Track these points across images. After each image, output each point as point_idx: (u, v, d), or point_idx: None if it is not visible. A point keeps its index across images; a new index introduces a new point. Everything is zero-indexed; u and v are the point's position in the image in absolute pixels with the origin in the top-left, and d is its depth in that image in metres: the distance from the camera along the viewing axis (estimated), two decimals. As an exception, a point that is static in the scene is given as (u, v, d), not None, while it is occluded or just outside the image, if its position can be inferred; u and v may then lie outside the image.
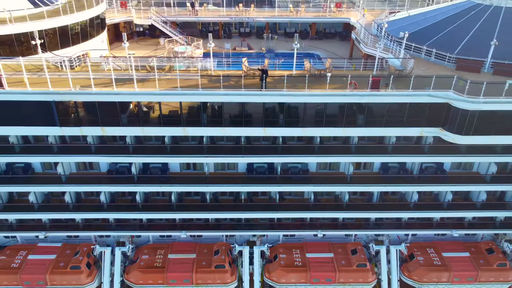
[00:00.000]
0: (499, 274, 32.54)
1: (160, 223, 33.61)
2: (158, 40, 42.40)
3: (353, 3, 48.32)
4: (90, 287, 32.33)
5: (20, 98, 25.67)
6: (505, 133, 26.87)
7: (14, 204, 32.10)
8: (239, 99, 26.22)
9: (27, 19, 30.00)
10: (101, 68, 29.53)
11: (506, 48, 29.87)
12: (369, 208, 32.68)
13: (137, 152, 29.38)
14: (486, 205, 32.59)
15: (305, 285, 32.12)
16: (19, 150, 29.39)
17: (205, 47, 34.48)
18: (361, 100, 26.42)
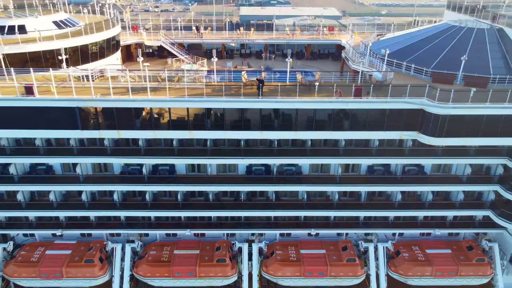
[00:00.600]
0: (478, 269, 35.55)
1: (167, 222, 37.05)
2: (166, 60, 46.98)
3: (345, 27, 53.21)
4: (102, 279, 35.50)
5: (49, 105, 29.76)
6: (473, 135, 30.62)
7: (35, 202, 35.70)
8: (239, 106, 30.28)
9: (54, 38, 34.65)
10: (117, 80, 33.86)
11: (476, 63, 34.12)
12: (357, 207, 36.12)
13: (148, 154, 33.23)
14: (464, 205, 35.98)
15: (299, 278, 35.17)
16: (43, 152, 33.27)
17: (209, 65, 38.82)
18: (346, 107, 30.43)
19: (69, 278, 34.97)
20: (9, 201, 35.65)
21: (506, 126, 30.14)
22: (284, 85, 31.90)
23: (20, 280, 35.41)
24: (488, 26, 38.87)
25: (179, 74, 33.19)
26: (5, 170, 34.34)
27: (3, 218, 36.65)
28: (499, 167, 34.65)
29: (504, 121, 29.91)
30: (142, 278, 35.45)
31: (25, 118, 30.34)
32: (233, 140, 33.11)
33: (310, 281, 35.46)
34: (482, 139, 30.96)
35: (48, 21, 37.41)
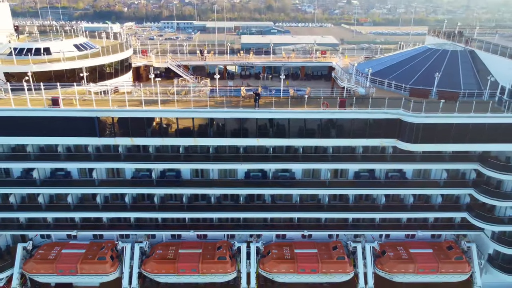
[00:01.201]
0: (457, 266, 39.15)
1: (172, 224, 41.05)
2: (172, 80, 52.00)
3: (336, 50, 58.60)
4: (112, 275, 39.18)
5: (72, 115, 34.43)
6: (445, 142, 35.00)
7: (54, 205, 39.80)
8: (238, 116, 34.87)
9: (75, 59, 39.78)
10: (131, 95, 38.65)
11: (449, 80, 38.96)
12: (345, 209, 40.11)
13: (157, 160, 37.61)
14: (443, 207, 39.96)
15: (293, 274, 38.76)
16: (64, 158, 37.70)
17: (212, 84, 43.63)
18: (332, 117, 35.01)
19: (83, 274, 38.64)
20: (30, 203, 39.78)
21: (473, 133, 34.51)
22: (278, 98, 36.64)
23: (38, 276, 39.08)
24: (462, 48, 43.99)
25: (186, 88, 38.01)
26: (28, 175, 38.76)
27: (23, 220, 40.74)
28: (472, 172, 38.78)
29: (472, 129, 34.33)
30: (149, 274, 39.10)
31: (50, 127, 34.88)
32: (233, 147, 37.55)
33: (303, 278, 39.05)
34: (452, 145, 35.40)
35: (70, 44, 42.62)
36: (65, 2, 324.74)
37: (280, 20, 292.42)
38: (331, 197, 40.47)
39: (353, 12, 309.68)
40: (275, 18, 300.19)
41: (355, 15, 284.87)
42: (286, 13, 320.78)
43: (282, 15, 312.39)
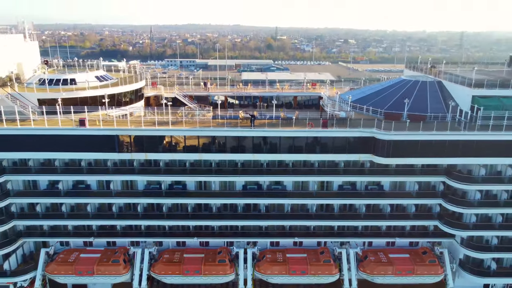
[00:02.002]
0: (430, 268, 44.52)
1: (178, 231, 46.83)
2: (179, 108, 59.17)
3: (324, 82, 66.28)
4: (124, 277, 44.57)
5: (96, 133, 41.20)
6: (413, 156, 41.53)
7: (75, 213, 45.80)
8: (236, 134, 41.64)
9: (98, 87, 47.17)
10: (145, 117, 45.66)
11: (418, 105, 45.93)
12: (331, 218, 46.01)
13: (166, 173, 44.00)
14: (417, 216, 45.90)
15: (285, 275, 44.10)
16: (86, 171, 44.15)
17: (214, 112, 50.50)
18: (316, 135, 41.77)
19: (98, 275, 44.06)
20: (54, 212, 45.80)
21: (436, 149, 41.09)
22: (270, 120, 43.59)
23: (58, 277, 44.48)
24: (431, 79, 51.35)
25: (192, 112, 45.07)
26: (53, 187, 45.10)
27: (46, 227, 46.63)
28: (440, 184, 44.98)
29: (434, 145, 40.94)
30: (157, 276, 44.50)
31: (77, 144, 41.64)
32: (232, 162, 44.01)
33: (294, 279, 44.37)
34: (419, 159, 41.94)
35: (92, 76, 50.21)
36: (72, 41, 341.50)
37: (280, 59, 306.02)
38: (318, 207, 46.43)
39: (350, 50, 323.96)
40: (274, 56, 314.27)
41: (351, 54, 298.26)
42: (285, 51, 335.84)
43: (282, 53, 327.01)
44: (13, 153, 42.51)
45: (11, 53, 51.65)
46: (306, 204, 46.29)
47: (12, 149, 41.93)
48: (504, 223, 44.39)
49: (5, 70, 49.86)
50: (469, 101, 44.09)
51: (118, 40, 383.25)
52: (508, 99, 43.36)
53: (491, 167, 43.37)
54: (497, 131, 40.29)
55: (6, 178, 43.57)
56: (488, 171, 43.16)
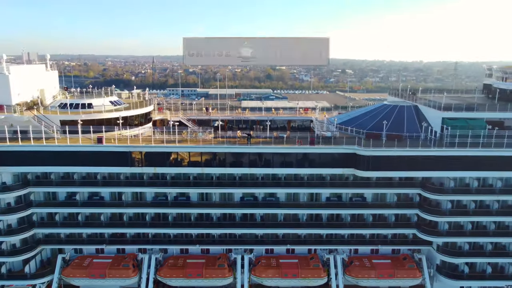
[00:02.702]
0: (409, 272, 49.80)
1: (182, 239, 52.24)
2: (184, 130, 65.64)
3: (314, 108, 73.13)
4: (133, 280, 49.77)
5: (112, 150, 47.44)
6: (390, 170, 47.61)
7: (90, 222, 51.42)
8: (235, 150, 47.91)
9: (113, 111, 53.82)
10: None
11: (396, 126, 52.30)
12: (319, 226, 51.59)
13: (172, 186, 49.90)
14: (397, 225, 51.48)
15: (278, 278, 49.27)
16: (100, 184, 50.08)
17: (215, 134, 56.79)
18: (304, 151, 47.98)
19: (110, 278, 49.24)
20: (71, 221, 51.42)
21: (411, 164, 47.21)
22: (265, 139, 49.96)
23: (73, 280, 49.67)
24: (409, 104, 58.00)
25: (195, 132, 51.55)
26: (71, 198, 50.95)
27: (63, 236, 52.09)
28: (417, 196, 50.80)
29: (409, 160, 47.07)
30: (163, 279, 49.67)
31: (94, 159, 47.79)
32: (231, 176, 50.01)
33: (286, 281, 49.52)
34: (395, 172, 48.02)
35: (107, 101, 56.95)
36: (76, 71, 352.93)
37: (279, 88, 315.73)
38: (308, 217, 52.02)
39: (347, 80, 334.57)
40: (274, 86, 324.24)
41: (349, 83, 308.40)
42: (284, 81, 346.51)
43: (281, 83, 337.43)
44: (37, 167, 48.62)
45: (34, 80, 58.66)
46: (297, 214, 51.92)
47: (36, 164, 48.03)
48: (474, 230, 50.01)
49: (29, 96, 56.68)
50: (439, 122, 50.55)
51: (121, 70, 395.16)
52: (473, 120, 49.86)
53: (460, 180, 49.36)
54: (462, 148, 46.54)
55: (29, 190, 49.51)
56: (457, 183, 49.15)
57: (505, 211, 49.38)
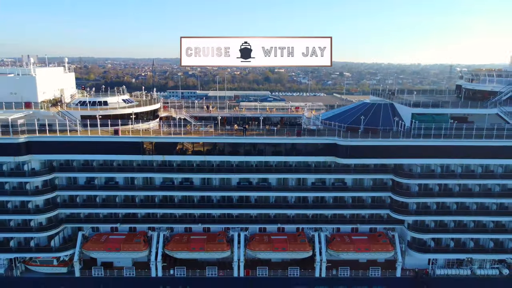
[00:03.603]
0: (383, 247, 58.18)
1: (186, 219, 60.53)
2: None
3: (305, 106, 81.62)
4: (144, 253, 58.06)
5: (126, 140, 55.78)
6: (366, 157, 56.02)
7: (107, 202, 59.70)
8: (232, 141, 56.29)
9: (126, 107, 62.27)
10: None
11: (372, 121, 60.73)
12: (306, 207, 59.93)
13: (178, 172, 58.22)
14: (373, 206, 59.86)
15: (270, 252, 57.62)
16: (116, 170, 58.42)
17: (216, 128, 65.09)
18: (292, 142, 56.38)
19: (124, 251, 57.48)
20: (90, 203, 59.69)
21: (384, 153, 55.59)
22: (258, 132, 58.39)
23: (92, 253, 57.96)
24: (386, 102, 66.48)
25: (198, 125, 60.04)
26: (90, 183, 59.24)
27: (82, 215, 60.33)
28: (389, 180, 59.18)
29: (381, 149, 55.46)
30: (170, 252, 57.94)
31: (111, 148, 56.09)
32: (229, 163, 58.29)
33: (277, 254, 57.94)
34: (370, 159, 56.42)
35: (120, 99, 65.38)
36: (77, 74, 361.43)
37: (277, 90, 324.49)
38: (296, 199, 60.35)
39: (344, 83, 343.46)
40: (272, 88, 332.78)
41: (346, 86, 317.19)
42: (282, 83, 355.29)
43: (279, 85, 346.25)
44: (62, 156, 56.88)
45: (55, 81, 67.13)
46: (287, 196, 60.28)
47: (61, 152, 56.29)
48: (439, 210, 58.39)
49: (52, 94, 65.09)
50: (409, 117, 59.02)
51: (121, 73, 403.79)
52: (438, 116, 58.39)
53: (426, 166, 57.78)
54: (427, 138, 54.98)
55: (55, 175, 57.74)
56: (424, 169, 57.59)
57: (465, 193, 57.95)
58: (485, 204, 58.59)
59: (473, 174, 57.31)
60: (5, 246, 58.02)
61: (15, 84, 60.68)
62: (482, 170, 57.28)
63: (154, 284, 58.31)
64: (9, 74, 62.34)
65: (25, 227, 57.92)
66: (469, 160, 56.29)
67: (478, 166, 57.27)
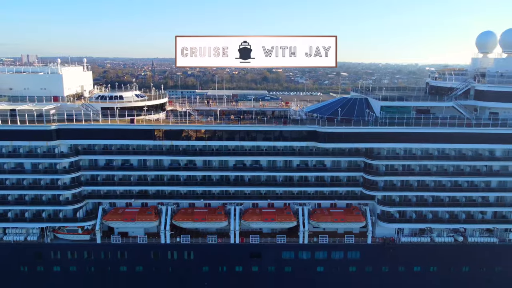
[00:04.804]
0: (356, 218, 70.27)
1: (190, 195, 72.50)
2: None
3: (293, 101, 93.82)
4: (155, 223, 70.08)
5: (140, 128, 67.76)
6: (341, 142, 68.05)
7: (123, 181, 71.61)
8: (229, 128, 68.35)
9: (139, 101, 74.30)
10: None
11: (348, 113, 72.75)
12: (291, 185, 71.96)
13: (184, 155, 70.19)
14: (348, 184, 71.93)
15: (261, 222, 69.63)
16: (131, 153, 70.37)
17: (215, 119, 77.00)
18: (279, 129, 68.41)
19: (138, 221, 69.43)
20: (109, 181, 71.58)
21: (356, 138, 67.62)
22: (251, 121, 70.39)
23: (111, 223, 69.97)
24: (362, 97, 78.48)
25: (200, 116, 72.11)
26: (109, 164, 71.14)
27: (102, 192, 72.24)
28: (362, 162, 71.18)
29: (354, 136, 67.49)
30: (177, 222, 69.94)
31: (127, 135, 68.04)
32: (227, 147, 70.29)
33: (266, 224, 69.96)
34: (345, 144, 68.47)
35: (132, 94, 77.33)
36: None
37: (274, 90, 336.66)
38: (283, 178, 72.31)
39: (341, 82, 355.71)
40: (269, 88, 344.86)
41: (342, 85, 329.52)
42: (280, 83, 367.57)
43: (276, 85, 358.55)
44: (85, 141, 68.79)
45: (77, 78, 79.12)
46: (275, 176, 72.30)
47: (85, 138, 68.24)
48: (403, 187, 70.51)
49: (74, 90, 77.06)
50: (379, 109, 71.10)
51: (121, 72, 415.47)
52: (402, 108, 70.48)
53: (392, 150, 69.81)
54: (391, 126, 67.00)
55: (79, 158, 69.71)
56: (390, 152, 69.65)
57: (425, 173, 70.09)
58: (442, 182, 70.69)
59: (430, 156, 69.45)
60: (38, 217, 70.04)
61: (45, 81, 72.74)
62: (438, 153, 69.43)
63: (163, 249, 70.25)
64: (39, 72, 74.35)
65: (54, 201, 69.95)
66: (427, 144, 68.34)
67: (435, 150, 69.38)
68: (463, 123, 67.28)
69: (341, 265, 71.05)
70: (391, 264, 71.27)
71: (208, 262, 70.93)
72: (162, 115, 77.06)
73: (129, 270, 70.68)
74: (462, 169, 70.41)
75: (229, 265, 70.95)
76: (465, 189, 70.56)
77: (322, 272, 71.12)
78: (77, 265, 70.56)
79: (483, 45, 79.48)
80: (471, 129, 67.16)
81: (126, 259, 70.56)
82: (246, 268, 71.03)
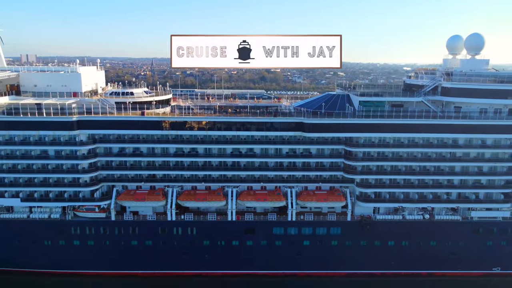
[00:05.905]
0: (337, 198, 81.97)
1: (193, 179, 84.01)
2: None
3: (285, 98, 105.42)
4: (162, 203, 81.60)
5: (150, 119, 79.31)
6: (324, 132, 79.64)
7: (134, 166, 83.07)
8: (227, 120, 79.92)
9: (148, 96, 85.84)
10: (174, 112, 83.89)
11: (331, 107, 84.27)
12: (281, 169, 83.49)
13: (187, 143, 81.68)
14: (331, 169, 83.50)
15: (255, 201, 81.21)
16: (141, 141, 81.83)
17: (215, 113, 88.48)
18: (270, 121, 79.99)
19: (148, 201, 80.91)
20: (121, 166, 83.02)
21: (337, 129, 79.21)
22: (246, 113, 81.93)
23: (123, 202, 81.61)
24: (344, 93, 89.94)
25: (202, 109, 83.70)
26: (122, 152, 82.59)
27: (115, 176, 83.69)
28: (342, 150, 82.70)
29: (335, 126, 79.05)
30: (181, 202, 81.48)
31: (141, 126, 79.52)
32: (225, 136, 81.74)
33: (260, 203, 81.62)
34: (328, 134, 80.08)
35: (142, 90, 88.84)
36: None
37: (272, 89, 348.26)
38: (274, 164, 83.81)
39: (338, 82, 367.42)
40: (267, 87, 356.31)
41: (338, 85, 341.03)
42: (277, 83, 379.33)
43: (274, 84, 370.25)
44: (102, 131, 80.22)
45: (92, 77, 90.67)
46: (267, 162, 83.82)
47: (101, 128, 79.69)
48: (378, 171, 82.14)
49: (90, 87, 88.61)
50: (357, 104, 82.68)
51: (121, 72, 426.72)
52: (378, 103, 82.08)
53: (368, 139, 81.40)
54: (367, 118, 78.58)
55: (96, 146, 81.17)
56: (366, 141, 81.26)
57: (397, 158, 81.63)
58: (412, 167, 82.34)
59: (402, 144, 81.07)
60: (60, 198, 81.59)
61: (65, 79, 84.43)
62: (408, 141, 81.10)
63: (169, 225, 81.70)
64: (61, 71, 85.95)
65: (74, 183, 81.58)
66: (399, 134, 80.00)
67: (406, 139, 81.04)
68: (429, 115, 78.94)
69: (325, 239, 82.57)
70: (368, 239, 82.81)
71: (209, 237, 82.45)
72: (168, 109, 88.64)
73: (140, 244, 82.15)
74: (429, 156, 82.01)
75: (227, 239, 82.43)
76: (432, 173, 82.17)
77: (308, 245, 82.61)
78: (94, 240, 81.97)
79: (452, 47, 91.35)
80: (437, 120, 78.88)
81: (137, 234, 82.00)
82: (241, 242, 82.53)
